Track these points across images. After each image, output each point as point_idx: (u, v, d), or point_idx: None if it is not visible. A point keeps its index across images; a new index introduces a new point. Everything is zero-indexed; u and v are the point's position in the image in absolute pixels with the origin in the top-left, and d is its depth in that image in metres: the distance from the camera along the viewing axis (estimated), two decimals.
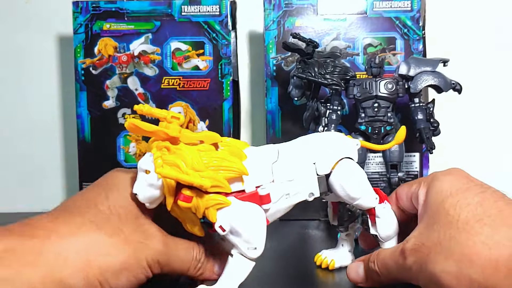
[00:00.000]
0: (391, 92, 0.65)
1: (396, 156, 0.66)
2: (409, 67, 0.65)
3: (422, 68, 0.65)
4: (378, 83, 0.65)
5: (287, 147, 0.48)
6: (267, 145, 0.48)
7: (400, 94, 0.65)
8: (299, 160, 0.47)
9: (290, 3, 0.81)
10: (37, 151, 0.97)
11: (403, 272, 0.42)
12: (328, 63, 0.65)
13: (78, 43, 0.83)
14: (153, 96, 0.83)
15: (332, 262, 0.55)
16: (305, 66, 0.66)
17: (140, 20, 0.83)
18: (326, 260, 0.55)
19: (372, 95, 0.65)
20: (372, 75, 0.66)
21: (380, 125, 0.65)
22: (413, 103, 0.66)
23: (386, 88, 0.65)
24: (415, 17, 0.81)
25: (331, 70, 0.65)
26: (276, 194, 0.45)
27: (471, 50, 0.97)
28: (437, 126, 0.65)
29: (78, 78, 0.84)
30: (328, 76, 0.64)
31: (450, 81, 0.65)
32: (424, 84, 0.64)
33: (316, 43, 0.67)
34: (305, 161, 0.47)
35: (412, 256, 0.41)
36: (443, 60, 0.66)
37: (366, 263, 0.48)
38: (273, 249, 0.63)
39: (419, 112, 0.65)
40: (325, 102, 0.68)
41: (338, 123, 0.67)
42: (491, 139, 0.97)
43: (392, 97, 0.65)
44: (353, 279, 0.49)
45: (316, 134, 0.52)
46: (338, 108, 0.67)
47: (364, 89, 0.65)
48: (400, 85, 0.65)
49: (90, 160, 0.75)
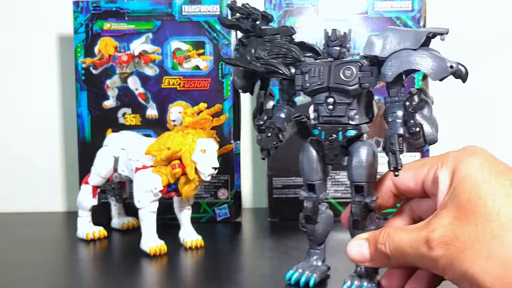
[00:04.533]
0: (349, 81, 0.45)
1: (360, 174, 0.46)
2: (381, 44, 0.44)
3: (400, 46, 0.43)
4: (333, 69, 0.46)
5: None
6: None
7: (366, 85, 0.45)
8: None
9: (290, 3, 0.81)
10: (37, 150, 0.97)
11: (426, 262, 0.38)
12: (267, 42, 0.49)
13: (79, 42, 0.83)
14: (153, 96, 0.83)
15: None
16: (242, 48, 0.50)
17: (141, 20, 0.82)
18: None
19: (322, 86, 0.46)
20: (330, 56, 0.48)
21: (337, 129, 0.46)
22: (388, 97, 0.46)
23: (343, 76, 0.45)
24: (415, 17, 0.81)
25: (268, 51, 0.48)
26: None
27: (471, 50, 0.96)
28: (416, 133, 0.43)
29: (78, 77, 0.83)
30: (262, 62, 0.48)
31: (447, 64, 0.42)
32: (399, 69, 0.43)
33: (258, 15, 0.50)
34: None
35: (441, 248, 0.36)
36: (432, 32, 0.44)
37: (373, 243, 0.42)
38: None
39: (393, 111, 0.44)
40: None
41: (288, 121, 0.51)
42: (491, 139, 0.97)
43: (351, 88, 0.45)
44: (355, 259, 0.43)
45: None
46: (284, 102, 0.51)
47: (313, 77, 0.46)
48: (366, 71, 0.45)
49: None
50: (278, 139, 0.49)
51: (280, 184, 0.83)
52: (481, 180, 0.37)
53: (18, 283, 0.57)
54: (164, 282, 0.58)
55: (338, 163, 0.48)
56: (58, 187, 0.97)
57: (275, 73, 0.48)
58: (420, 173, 0.43)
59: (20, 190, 0.97)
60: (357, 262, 0.45)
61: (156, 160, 0.64)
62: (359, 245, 0.43)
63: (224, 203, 0.83)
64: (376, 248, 0.42)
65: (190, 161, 0.62)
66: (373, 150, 0.46)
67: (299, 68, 0.48)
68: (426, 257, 0.37)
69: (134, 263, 0.63)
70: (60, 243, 0.77)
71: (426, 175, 0.42)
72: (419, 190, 0.44)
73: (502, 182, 0.36)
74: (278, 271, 0.56)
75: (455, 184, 0.38)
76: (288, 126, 0.51)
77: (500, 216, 0.35)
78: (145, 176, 0.66)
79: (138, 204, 0.66)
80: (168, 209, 0.71)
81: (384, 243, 0.41)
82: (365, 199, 0.46)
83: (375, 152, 0.47)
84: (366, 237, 0.43)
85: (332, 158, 0.48)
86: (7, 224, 0.85)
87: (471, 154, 0.40)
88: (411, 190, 0.44)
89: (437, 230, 0.37)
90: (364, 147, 0.46)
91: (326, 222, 0.52)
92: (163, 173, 0.64)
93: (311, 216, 0.50)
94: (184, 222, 0.70)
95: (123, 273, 0.60)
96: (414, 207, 0.47)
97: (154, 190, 0.65)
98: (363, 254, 0.43)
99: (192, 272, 0.62)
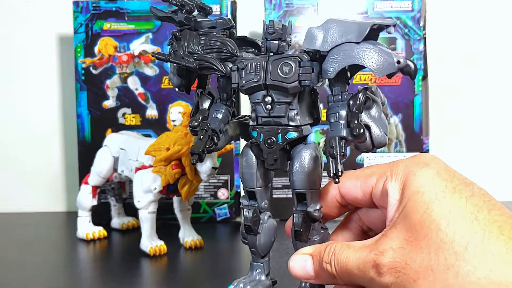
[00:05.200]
0: (287, 78, 0.41)
1: (301, 180, 0.42)
2: (322, 36, 0.40)
3: (343, 38, 0.39)
4: (270, 65, 0.41)
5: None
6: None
7: (306, 82, 0.40)
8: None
9: (290, 3, 0.81)
10: (37, 151, 0.97)
11: (373, 285, 0.35)
12: (202, 36, 0.45)
13: (79, 42, 0.83)
14: (153, 96, 0.83)
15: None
16: (176, 42, 0.45)
17: (141, 20, 0.82)
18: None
19: (258, 83, 0.42)
20: (269, 51, 0.43)
21: (276, 131, 0.42)
22: (331, 96, 0.41)
23: (281, 72, 0.41)
24: (415, 17, 0.81)
25: (203, 46, 0.44)
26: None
27: (472, 50, 0.96)
28: (360, 135, 0.38)
29: (78, 77, 0.83)
30: (195, 57, 0.43)
31: (394, 59, 0.38)
32: (341, 64, 0.39)
33: (192, 6, 0.45)
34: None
35: (391, 276, 0.34)
36: (377, 24, 0.39)
37: (317, 260, 0.39)
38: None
39: (336, 111, 0.40)
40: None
41: (226, 122, 0.46)
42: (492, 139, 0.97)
43: (290, 86, 0.40)
44: (298, 275, 0.40)
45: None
46: (221, 102, 0.46)
47: (249, 74, 0.42)
48: (306, 67, 0.40)
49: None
50: (212, 141, 0.44)
51: (280, 184, 0.83)
52: (434, 198, 0.34)
53: (18, 283, 0.57)
54: (164, 282, 0.58)
55: (279, 168, 0.43)
56: (58, 187, 0.97)
57: (209, 69, 0.43)
58: (368, 183, 0.40)
59: (20, 190, 0.97)
60: (300, 279, 0.41)
61: (156, 160, 0.64)
62: (302, 260, 0.40)
63: (224, 203, 0.83)
64: (321, 266, 0.38)
65: (189, 161, 0.63)
66: (317, 153, 0.42)
67: (235, 64, 0.43)
68: (375, 282, 0.35)
69: (134, 263, 0.63)
70: (60, 243, 0.77)
71: (375, 186, 0.39)
72: (366, 201, 0.41)
73: (457, 201, 0.34)
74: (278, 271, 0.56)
75: (406, 200, 0.35)
76: (229, 127, 0.46)
77: (455, 244, 0.32)
78: (144, 176, 0.66)
79: (138, 204, 0.66)
80: (168, 209, 0.71)
81: (329, 262, 0.38)
82: (308, 208, 0.42)
83: (319, 156, 0.42)
84: (310, 252, 0.40)
85: (272, 163, 0.43)
86: (7, 224, 0.85)
87: (422, 166, 0.36)
88: (359, 200, 0.41)
89: (386, 253, 0.34)
90: (307, 151, 0.42)
91: (269, 233, 0.46)
92: (162, 173, 0.64)
93: (251, 227, 0.45)
94: (184, 222, 0.70)
95: (123, 273, 0.60)
96: (362, 216, 0.44)
97: (154, 190, 0.65)
98: (306, 271, 0.39)
99: (192, 272, 0.62)
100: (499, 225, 0.32)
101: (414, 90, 0.82)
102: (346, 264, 0.36)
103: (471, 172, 0.46)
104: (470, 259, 0.31)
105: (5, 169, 0.97)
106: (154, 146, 0.64)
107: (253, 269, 0.47)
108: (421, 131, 0.83)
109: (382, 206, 0.39)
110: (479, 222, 0.32)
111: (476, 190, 0.35)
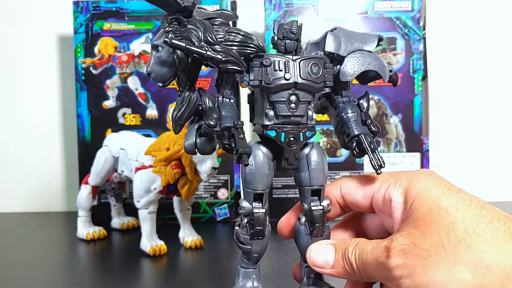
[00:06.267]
0: (317, 78, 0.41)
1: (318, 177, 0.43)
2: (339, 42, 0.42)
3: (355, 45, 0.43)
4: (299, 64, 0.41)
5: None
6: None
7: (328, 83, 0.42)
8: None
9: (290, 3, 0.81)
10: (37, 150, 0.97)
11: (382, 271, 0.36)
12: (219, 26, 0.41)
13: (79, 42, 0.83)
14: (153, 96, 0.83)
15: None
16: (182, 29, 0.40)
17: (141, 20, 0.82)
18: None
19: (289, 82, 0.41)
20: (285, 51, 0.42)
21: (299, 130, 0.42)
22: (341, 97, 0.44)
23: (310, 72, 0.41)
24: (415, 17, 0.81)
25: (223, 38, 0.40)
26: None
27: (472, 50, 0.96)
28: (377, 132, 0.42)
29: (78, 77, 0.83)
30: (219, 48, 0.39)
31: (388, 69, 0.43)
32: (362, 68, 0.42)
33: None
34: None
35: (399, 257, 0.35)
36: (380, 36, 0.44)
37: (340, 250, 0.40)
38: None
39: (353, 111, 0.43)
40: (218, 89, 0.44)
41: (238, 118, 0.44)
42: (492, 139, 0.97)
43: (317, 86, 0.42)
44: (318, 264, 0.41)
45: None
46: (230, 101, 0.43)
47: (277, 72, 0.41)
48: (329, 69, 0.42)
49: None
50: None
51: (280, 184, 0.83)
52: (440, 193, 0.36)
53: (18, 283, 0.57)
54: (164, 282, 0.58)
55: (296, 167, 0.43)
56: (58, 187, 0.97)
57: (232, 63, 0.40)
58: (370, 188, 0.42)
59: (20, 190, 0.97)
60: (318, 267, 0.41)
61: (156, 160, 0.64)
62: (325, 249, 0.41)
63: (224, 203, 0.83)
64: (343, 255, 0.40)
65: (189, 161, 0.63)
66: (323, 151, 0.44)
67: (257, 60, 0.41)
68: (383, 266, 0.36)
69: (134, 263, 0.63)
70: (60, 243, 0.77)
71: (377, 191, 0.41)
72: (366, 205, 0.42)
73: (463, 195, 0.36)
74: (278, 271, 0.56)
75: (412, 200, 0.38)
76: None
77: (465, 223, 0.34)
78: (144, 176, 0.66)
79: (138, 204, 0.66)
80: (168, 209, 0.71)
81: (352, 252, 0.39)
82: (322, 203, 0.43)
83: (325, 154, 0.45)
84: (332, 243, 0.41)
85: (292, 162, 0.43)
86: (7, 224, 0.85)
87: (426, 174, 0.39)
88: (358, 203, 0.43)
89: (396, 239, 0.36)
90: (318, 149, 0.44)
91: (268, 236, 0.45)
92: (162, 173, 0.64)
93: (262, 230, 0.43)
94: (184, 222, 0.70)
95: (123, 273, 0.60)
96: (359, 220, 0.46)
97: (154, 190, 0.65)
98: (326, 259, 0.40)
99: (192, 272, 0.62)
100: (506, 214, 0.34)
101: (414, 90, 0.82)
102: (363, 252, 0.38)
103: (471, 172, 0.46)
104: (481, 233, 0.33)
105: (5, 169, 0.97)
106: (154, 146, 0.64)
107: (246, 277, 0.44)
108: (421, 131, 0.83)
109: (381, 212, 0.41)
110: (486, 210, 0.35)
111: (468, 193, 0.37)
